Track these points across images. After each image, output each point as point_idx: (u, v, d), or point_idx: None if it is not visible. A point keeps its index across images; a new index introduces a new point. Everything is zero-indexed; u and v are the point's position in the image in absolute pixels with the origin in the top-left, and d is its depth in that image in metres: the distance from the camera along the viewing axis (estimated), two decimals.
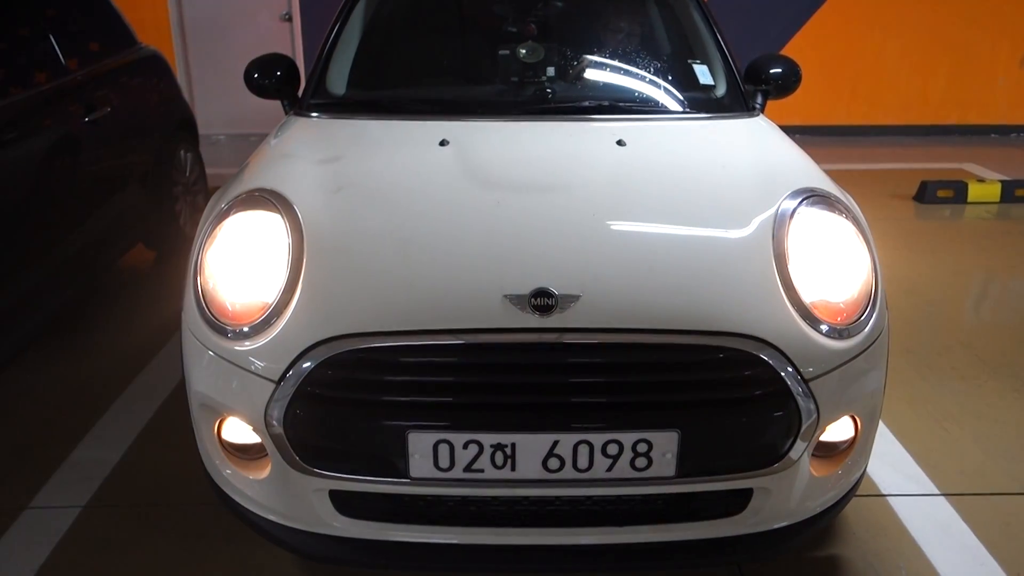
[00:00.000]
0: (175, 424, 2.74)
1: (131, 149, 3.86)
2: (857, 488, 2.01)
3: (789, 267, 1.83)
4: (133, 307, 3.82)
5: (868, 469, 2.49)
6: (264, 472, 1.83)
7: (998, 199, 5.50)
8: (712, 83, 2.78)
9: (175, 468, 2.53)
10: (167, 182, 4.22)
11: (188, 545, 2.22)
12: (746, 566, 2.13)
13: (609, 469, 1.69)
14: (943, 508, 2.37)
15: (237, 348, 1.77)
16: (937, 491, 2.45)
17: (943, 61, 7.54)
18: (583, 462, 1.68)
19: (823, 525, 1.96)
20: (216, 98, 7.41)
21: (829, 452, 1.91)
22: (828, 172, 2.28)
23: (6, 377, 3.14)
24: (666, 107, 2.65)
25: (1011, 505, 2.40)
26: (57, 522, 2.31)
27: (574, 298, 1.68)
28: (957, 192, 5.46)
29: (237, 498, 1.92)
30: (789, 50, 7.43)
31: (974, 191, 5.48)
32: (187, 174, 4.51)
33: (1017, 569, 2.14)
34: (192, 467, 2.06)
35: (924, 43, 7.47)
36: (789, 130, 2.63)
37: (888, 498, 2.41)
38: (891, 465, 2.56)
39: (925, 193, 5.50)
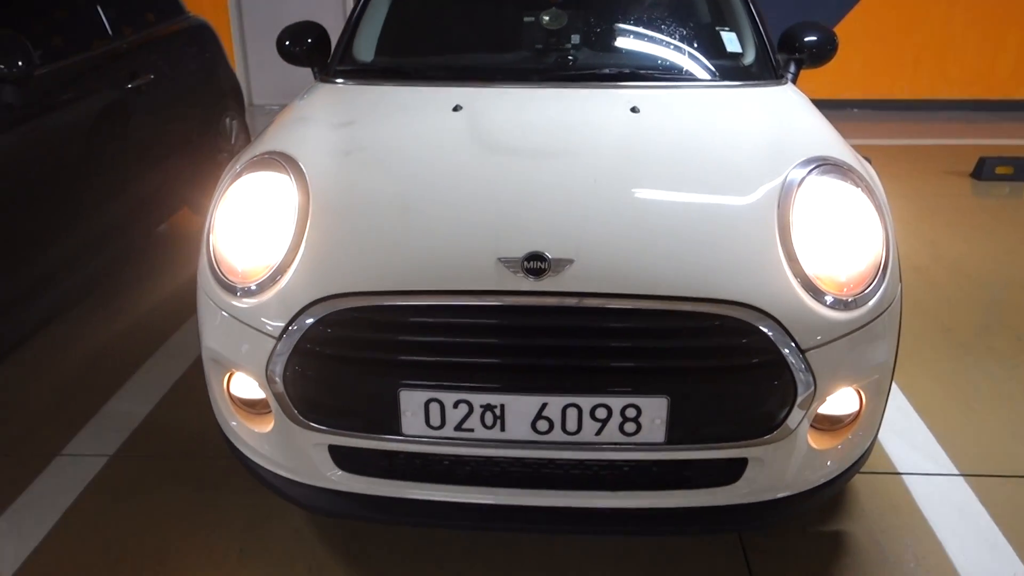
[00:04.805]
0: (203, 382, 2.83)
1: (176, 116, 3.98)
2: (862, 463, 1.97)
3: (793, 237, 1.80)
4: (174, 269, 3.94)
5: (886, 446, 2.46)
6: (268, 426, 1.89)
7: None
8: (740, 51, 2.73)
9: (199, 423, 2.61)
10: (212, 149, 4.33)
11: (205, 495, 2.32)
12: (747, 537, 2.12)
13: (598, 433, 1.70)
14: (960, 488, 2.32)
15: (242, 305, 1.83)
16: (956, 471, 2.39)
17: (1014, 31, 7.20)
18: (572, 425, 1.69)
19: (823, 499, 1.93)
20: (270, 69, 7.54)
21: (832, 425, 1.88)
22: (886, 148, 2.22)
23: (49, 332, 3.29)
24: (689, 74, 2.60)
25: None
26: (85, 469, 2.43)
27: (568, 262, 1.69)
28: (1017, 169, 5.24)
29: (244, 450, 1.99)
30: (849, 20, 7.20)
31: None
32: (232, 141, 4.62)
33: None
34: (214, 423, 2.14)
35: (993, 12, 7.14)
36: (846, 104, 2.54)
37: (903, 476, 2.36)
38: (910, 443, 2.51)
39: (983, 170, 5.29)
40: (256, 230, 1.92)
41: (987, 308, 3.48)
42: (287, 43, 2.88)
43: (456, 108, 2.27)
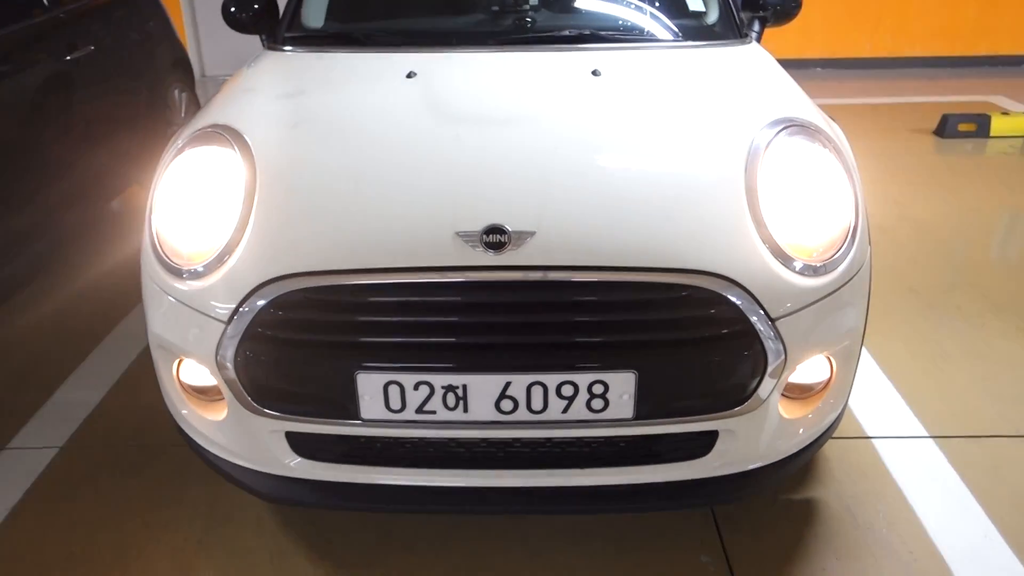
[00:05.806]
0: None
1: (120, 89, 3.81)
2: (833, 430, 1.95)
3: (760, 201, 1.74)
4: (125, 248, 3.79)
5: (855, 411, 2.44)
6: (222, 414, 1.81)
7: (1023, 133, 5.28)
8: (703, 9, 2.65)
9: (153, 410, 2.50)
10: (160, 122, 4.16)
11: (161, 486, 2.23)
12: (718, 508, 2.09)
13: (564, 411, 1.64)
14: (930, 451, 2.31)
15: (187, 288, 1.73)
16: (925, 433, 2.38)
17: None
18: (537, 403, 1.63)
19: (795, 468, 1.90)
20: (222, 39, 7.29)
21: (803, 394, 1.85)
22: (849, 107, 2.17)
23: None
24: (651, 35, 2.52)
25: (1003, 448, 2.32)
26: (33, 463, 2.32)
27: (528, 234, 1.62)
28: (980, 126, 5.25)
29: (198, 439, 1.91)
30: None
31: (997, 125, 5.26)
32: (182, 114, 4.46)
33: (1001, 514, 2.07)
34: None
35: None
36: (810, 63, 2.49)
37: (873, 440, 2.34)
38: (880, 407, 2.49)
39: (946, 127, 5.29)
40: (200, 209, 1.82)
41: (953, 267, 3.48)
42: (232, 9, 2.73)
43: (410, 75, 2.17)
